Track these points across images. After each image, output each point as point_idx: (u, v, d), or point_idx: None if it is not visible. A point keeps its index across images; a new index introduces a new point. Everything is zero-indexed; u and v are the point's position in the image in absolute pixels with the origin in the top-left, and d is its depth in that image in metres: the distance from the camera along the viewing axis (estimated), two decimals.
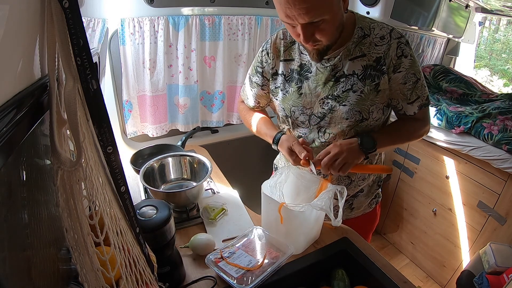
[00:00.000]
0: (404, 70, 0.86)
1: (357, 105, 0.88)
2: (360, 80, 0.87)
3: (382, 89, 0.88)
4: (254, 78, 1.05)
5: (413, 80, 0.88)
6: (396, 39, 0.85)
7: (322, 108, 0.92)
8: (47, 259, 0.48)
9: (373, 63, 0.87)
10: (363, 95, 0.88)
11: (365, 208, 1.10)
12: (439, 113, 1.83)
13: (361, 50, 0.87)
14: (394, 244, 2.30)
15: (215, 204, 1.12)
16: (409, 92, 0.89)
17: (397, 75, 0.87)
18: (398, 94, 0.90)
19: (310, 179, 0.97)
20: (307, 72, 0.94)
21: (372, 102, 0.88)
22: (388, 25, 0.88)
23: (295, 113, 0.96)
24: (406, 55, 0.86)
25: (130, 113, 1.50)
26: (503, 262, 1.44)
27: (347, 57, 0.88)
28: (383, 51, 0.86)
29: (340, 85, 0.89)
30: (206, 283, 0.83)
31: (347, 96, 0.89)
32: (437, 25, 2.14)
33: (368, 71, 0.87)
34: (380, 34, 0.86)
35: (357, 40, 0.87)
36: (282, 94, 0.98)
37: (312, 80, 0.93)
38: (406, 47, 0.86)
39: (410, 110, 0.93)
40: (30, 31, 0.40)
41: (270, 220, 0.93)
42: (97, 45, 1.03)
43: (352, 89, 0.88)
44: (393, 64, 0.86)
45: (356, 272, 0.88)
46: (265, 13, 1.62)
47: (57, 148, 0.39)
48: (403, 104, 0.92)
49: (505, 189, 1.58)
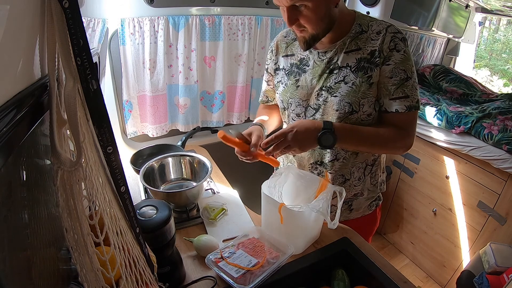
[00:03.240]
0: (392, 64, 0.85)
1: (348, 97, 0.89)
2: (353, 72, 0.89)
3: (374, 82, 0.87)
4: (265, 76, 1.15)
5: (402, 76, 0.85)
6: (391, 33, 0.85)
7: (317, 100, 0.95)
8: (47, 259, 0.48)
9: (367, 56, 0.87)
10: (354, 87, 0.88)
11: (365, 210, 1.09)
12: (439, 113, 1.82)
13: (357, 44, 0.89)
14: (394, 244, 2.30)
15: (215, 204, 1.12)
16: (393, 87, 0.86)
17: (385, 67, 0.85)
18: (381, 88, 0.88)
19: (309, 179, 0.97)
20: (305, 65, 0.97)
21: (363, 95, 0.88)
22: (387, 22, 0.88)
23: (292, 105, 1.00)
24: (398, 50, 0.84)
25: (130, 113, 1.50)
26: (503, 262, 1.44)
27: (342, 50, 0.90)
28: (378, 45, 0.86)
29: (333, 76, 0.91)
30: (206, 283, 0.83)
31: (338, 88, 0.90)
32: (437, 25, 2.14)
33: (362, 64, 0.88)
34: (377, 30, 0.87)
35: (354, 35, 0.89)
36: (282, 87, 1.03)
37: (309, 73, 0.96)
38: (401, 42, 0.85)
39: (392, 106, 0.88)
40: (30, 31, 0.40)
41: (270, 220, 0.93)
42: (97, 45, 1.03)
43: (344, 80, 0.90)
44: (384, 56, 0.85)
45: (356, 272, 0.88)
46: (265, 13, 1.62)
47: (57, 148, 0.39)
48: (384, 100, 0.88)
49: (505, 189, 1.58)
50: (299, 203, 0.89)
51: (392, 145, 0.91)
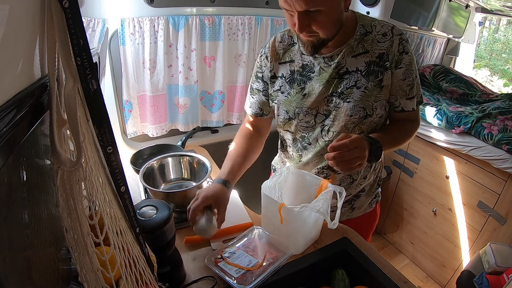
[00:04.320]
0: (404, 66, 0.88)
1: (361, 102, 0.88)
2: (364, 77, 0.88)
3: (385, 85, 0.88)
4: (255, 84, 1.04)
5: (412, 76, 0.89)
6: (398, 36, 0.87)
7: (327, 106, 0.92)
8: (47, 259, 0.48)
9: (376, 59, 0.87)
10: (367, 91, 0.88)
11: (366, 208, 1.10)
12: (439, 113, 1.82)
13: (364, 47, 0.88)
14: (394, 244, 2.30)
15: None
16: (408, 88, 0.90)
17: (398, 71, 0.88)
18: (397, 90, 0.90)
19: (309, 179, 0.97)
20: (309, 72, 0.93)
21: (376, 98, 0.89)
22: (388, 22, 0.89)
23: (300, 115, 0.95)
24: (407, 52, 0.87)
25: (130, 113, 1.50)
26: (503, 262, 1.44)
27: (350, 54, 0.88)
28: (385, 48, 0.87)
29: (343, 82, 0.89)
30: (206, 283, 0.83)
31: (351, 93, 0.89)
32: (437, 25, 2.14)
33: (372, 67, 0.87)
34: (382, 31, 0.87)
35: (360, 37, 0.88)
36: (283, 96, 0.97)
37: (315, 79, 0.92)
38: (407, 44, 0.88)
39: (409, 106, 0.92)
40: (30, 31, 0.40)
41: (270, 220, 0.93)
42: (97, 45, 1.03)
43: (356, 85, 0.88)
44: (395, 60, 0.87)
45: (356, 272, 0.88)
46: (265, 13, 1.62)
47: (57, 148, 0.39)
48: (401, 101, 0.92)
49: (505, 189, 1.58)
50: (299, 203, 0.89)
51: (410, 137, 0.98)
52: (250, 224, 1.02)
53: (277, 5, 0.83)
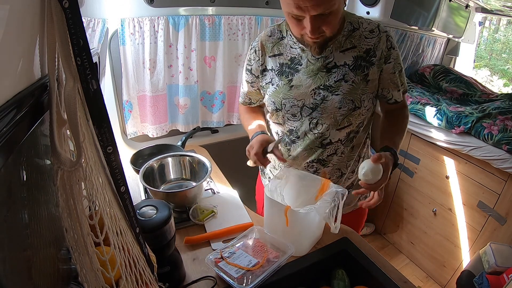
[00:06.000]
0: (393, 61, 0.93)
1: (349, 94, 0.92)
2: (351, 71, 0.92)
3: (371, 79, 0.93)
4: (244, 76, 1.10)
5: (399, 69, 0.95)
6: (384, 32, 0.92)
7: (313, 98, 0.95)
8: (47, 259, 0.48)
9: (363, 54, 0.92)
10: (354, 85, 0.92)
11: (355, 204, 1.12)
12: (439, 113, 1.82)
13: (352, 42, 0.92)
14: (394, 244, 2.30)
15: (206, 206, 1.10)
16: (397, 80, 0.96)
17: (388, 65, 0.93)
18: (389, 83, 0.96)
19: (310, 180, 0.97)
20: (297, 65, 0.96)
21: (362, 91, 0.93)
22: (373, 21, 0.94)
23: (286, 106, 0.98)
24: (394, 47, 0.93)
25: (130, 113, 1.50)
26: (503, 262, 1.43)
27: (338, 49, 0.92)
28: (373, 44, 0.91)
29: (332, 75, 0.93)
30: (206, 283, 0.83)
31: (339, 86, 0.92)
32: (437, 25, 2.14)
33: (359, 62, 0.92)
34: (369, 28, 0.92)
35: (347, 34, 0.92)
36: (273, 88, 1.00)
37: (302, 72, 0.95)
38: (393, 40, 0.93)
39: (399, 96, 1.00)
40: (30, 31, 0.40)
41: (274, 222, 0.92)
42: (97, 45, 1.03)
43: (344, 79, 0.92)
44: (384, 56, 0.92)
45: (356, 272, 0.88)
46: (265, 13, 1.62)
47: (57, 148, 0.39)
48: (394, 93, 0.98)
49: (505, 189, 1.58)
50: (301, 205, 0.88)
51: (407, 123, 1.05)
52: (250, 224, 1.03)
53: (277, 5, 0.85)
